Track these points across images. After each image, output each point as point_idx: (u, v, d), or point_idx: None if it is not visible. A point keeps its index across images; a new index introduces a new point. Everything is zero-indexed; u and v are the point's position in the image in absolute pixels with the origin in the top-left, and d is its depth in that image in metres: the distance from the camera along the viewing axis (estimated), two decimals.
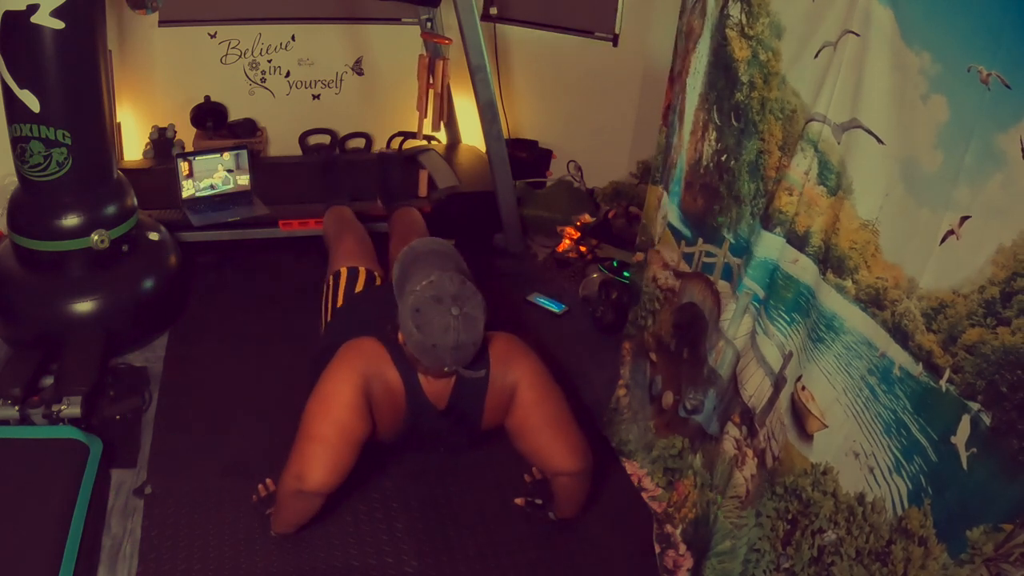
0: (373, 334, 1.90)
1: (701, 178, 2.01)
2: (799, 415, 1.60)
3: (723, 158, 1.90)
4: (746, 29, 1.77)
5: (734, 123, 1.84)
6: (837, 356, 1.50)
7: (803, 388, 1.58)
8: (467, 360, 1.76)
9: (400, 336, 1.80)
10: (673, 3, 2.12)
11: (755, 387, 1.78)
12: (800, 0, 1.62)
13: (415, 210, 2.89)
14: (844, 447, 1.49)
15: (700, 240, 2.04)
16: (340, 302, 2.28)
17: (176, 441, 2.27)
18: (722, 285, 1.95)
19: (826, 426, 1.53)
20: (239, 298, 2.98)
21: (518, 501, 2.12)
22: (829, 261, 1.52)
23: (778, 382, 1.69)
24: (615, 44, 3.67)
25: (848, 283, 1.48)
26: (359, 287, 2.31)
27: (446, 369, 1.78)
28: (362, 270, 2.37)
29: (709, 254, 2.00)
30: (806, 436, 1.58)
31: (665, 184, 2.17)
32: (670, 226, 2.16)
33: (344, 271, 2.35)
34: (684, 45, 2.03)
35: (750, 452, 1.80)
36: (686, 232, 2.10)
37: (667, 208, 2.17)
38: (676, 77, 2.08)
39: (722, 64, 1.85)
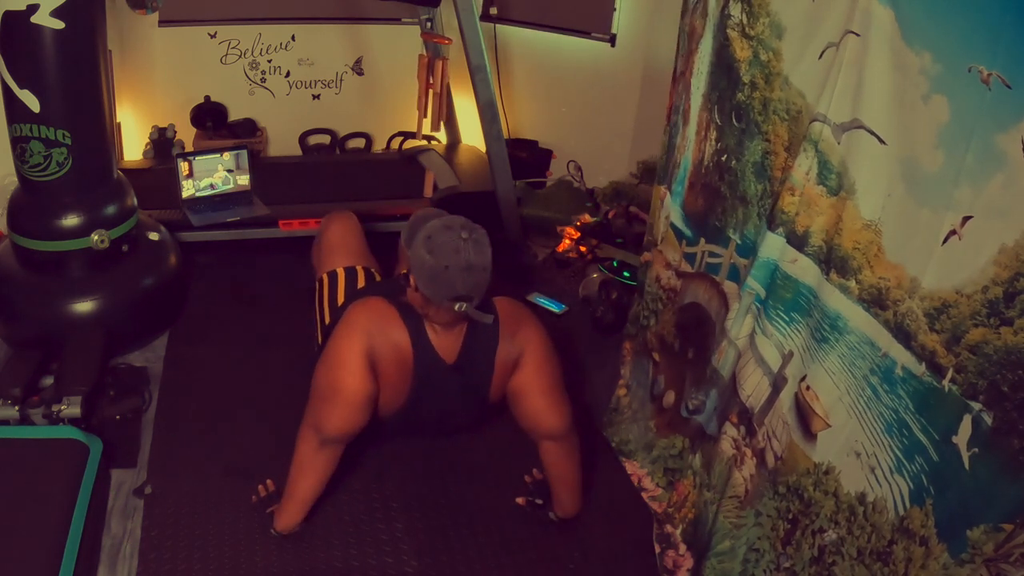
0: (380, 294, 1.94)
1: (703, 178, 2.01)
2: (803, 414, 1.60)
3: (723, 158, 1.90)
4: (747, 29, 1.77)
5: (735, 123, 1.84)
6: (841, 356, 1.50)
7: (807, 388, 1.58)
8: (478, 288, 1.77)
9: (411, 281, 1.82)
10: (673, 3, 2.12)
11: (753, 387, 1.78)
12: (800, 0, 1.62)
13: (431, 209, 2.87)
14: (846, 447, 1.49)
15: (702, 240, 2.04)
16: (342, 300, 2.25)
17: (176, 441, 2.26)
18: (729, 286, 1.94)
19: (830, 425, 1.53)
20: (239, 298, 2.97)
21: (519, 501, 2.12)
22: (832, 261, 1.52)
23: (777, 382, 1.69)
24: (612, 44, 3.67)
25: (852, 283, 1.48)
26: (360, 284, 2.28)
27: (457, 307, 1.77)
28: (360, 268, 2.34)
29: (713, 254, 2.00)
30: (810, 435, 1.58)
31: (668, 184, 2.17)
32: (672, 226, 2.16)
33: (341, 271, 2.32)
34: (687, 45, 2.03)
35: (749, 452, 1.80)
36: (687, 232, 2.10)
37: (670, 208, 2.17)
38: (679, 77, 2.09)
39: (724, 64, 1.85)
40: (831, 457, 1.53)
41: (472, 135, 3.82)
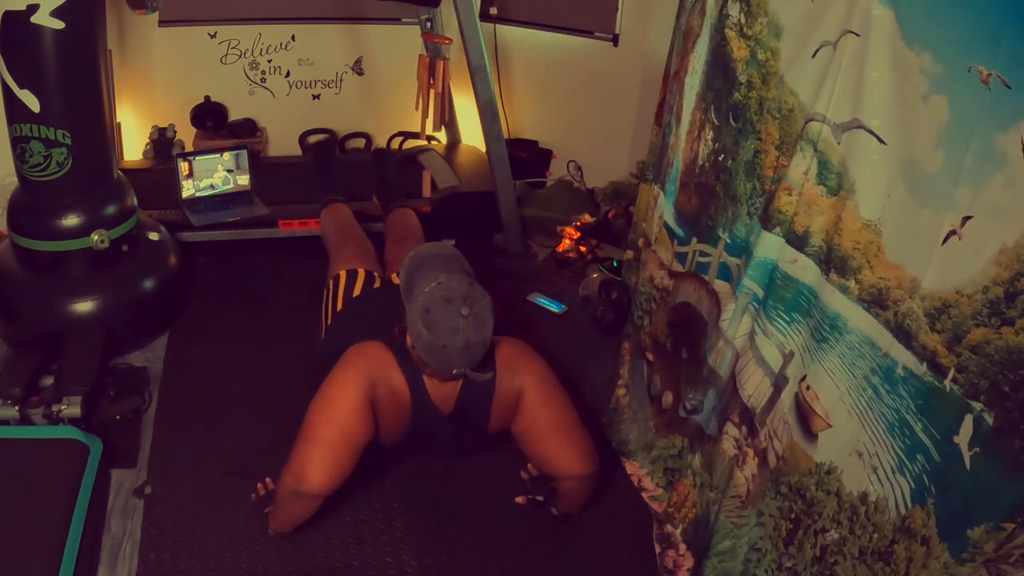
0: (378, 338, 1.89)
1: (696, 178, 2.01)
2: (804, 415, 1.60)
3: (720, 158, 1.90)
4: (745, 29, 1.77)
5: (732, 123, 1.84)
6: (841, 356, 1.50)
7: (808, 388, 1.58)
8: (476, 361, 1.76)
9: (408, 339, 1.79)
10: (673, 3, 2.12)
11: (754, 387, 1.78)
12: (799, 0, 1.62)
13: (411, 212, 2.87)
14: (848, 447, 1.49)
15: (694, 240, 2.04)
16: (340, 306, 2.27)
17: (176, 441, 2.26)
18: (719, 285, 1.94)
19: (830, 426, 1.53)
20: (239, 298, 2.97)
21: (519, 499, 2.13)
22: (832, 261, 1.52)
23: (778, 382, 1.69)
24: (615, 44, 3.67)
25: (851, 283, 1.48)
26: (357, 290, 2.30)
27: (454, 372, 1.76)
28: (360, 271, 2.36)
29: (703, 254, 2.00)
30: (811, 436, 1.58)
31: (661, 183, 2.17)
32: (666, 226, 2.16)
33: (343, 274, 2.34)
34: (682, 45, 2.03)
35: (751, 452, 1.80)
36: (679, 232, 2.10)
37: (663, 208, 2.17)
38: (672, 76, 2.08)
39: (721, 64, 1.85)
40: (833, 457, 1.53)
41: (472, 135, 3.83)
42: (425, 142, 3.72)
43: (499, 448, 2.27)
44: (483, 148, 3.30)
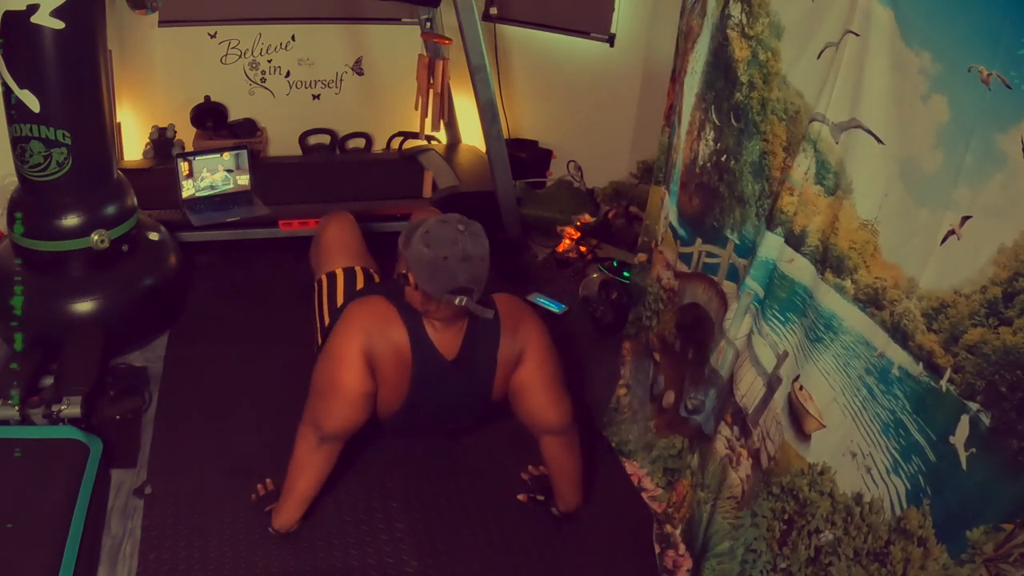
0: (379, 293, 1.96)
1: (697, 178, 2.01)
2: (796, 415, 1.60)
3: (723, 158, 1.90)
4: (746, 29, 1.76)
5: (734, 123, 1.84)
6: (835, 356, 1.50)
7: (800, 388, 1.58)
8: (477, 279, 1.79)
9: (410, 279, 1.83)
10: (673, 3, 2.12)
11: (747, 387, 1.78)
12: (800, 0, 1.62)
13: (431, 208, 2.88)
14: (841, 447, 1.49)
15: (699, 240, 2.04)
16: (341, 301, 2.24)
17: (176, 441, 2.27)
18: (727, 286, 1.94)
19: (824, 426, 1.53)
20: (239, 298, 2.97)
21: (520, 497, 2.13)
22: (828, 261, 1.52)
23: (771, 382, 1.69)
24: (611, 45, 3.67)
25: (847, 283, 1.47)
26: (359, 286, 2.27)
27: (458, 301, 1.78)
28: (359, 269, 2.33)
29: (711, 254, 2.00)
30: (803, 436, 1.58)
31: (667, 184, 2.17)
32: (671, 226, 2.16)
33: (340, 271, 2.31)
34: (683, 45, 2.03)
35: (744, 452, 1.80)
36: (683, 232, 2.10)
37: (668, 208, 2.17)
38: (677, 77, 2.08)
39: (722, 64, 1.85)
40: (826, 457, 1.53)
41: (472, 135, 3.83)
42: (425, 142, 3.72)
43: (498, 449, 2.28)
44: (483, 148, 3.30)
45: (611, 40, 3.66)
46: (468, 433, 2.31)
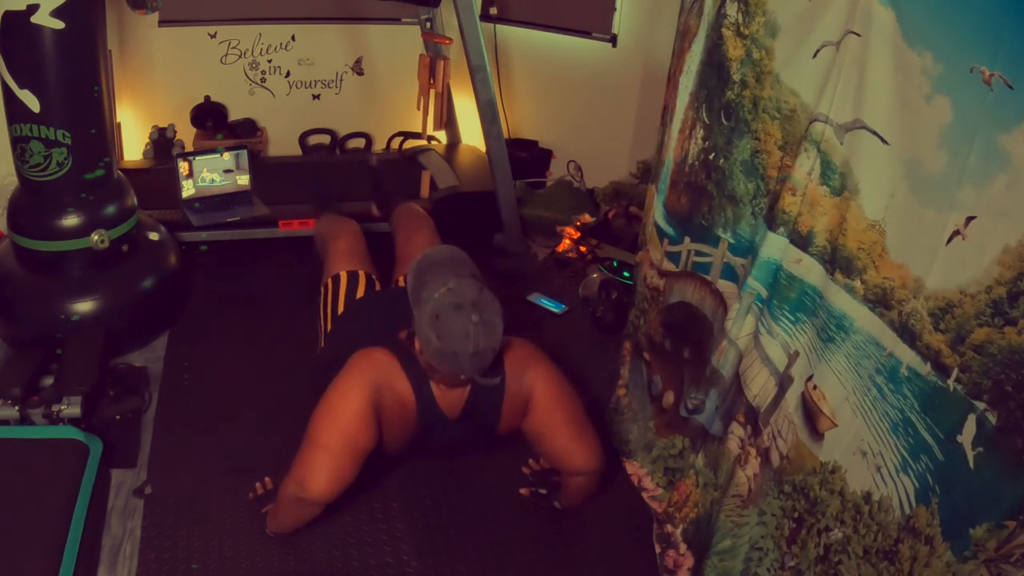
0: (383, 344, 1.87)
1: (686, 176, 2.01)
2: (810, 414, 1.60)
3: (711, 156, 1.90)
4: (742, 28, 1.76)
5: (724, 121, 1.84)
6: (847, 356, 1.50)
7: (814, 387, 1.58)
8: (485, 367, 1.73)
9: (416, 344, 1.76)
10: (674, 4, 2.12)
11: (759, 386, 1.78)
12: (797, 0, 1.62)
13: (414, 205, 2.82)
14: (852, 446, 1.49)
15: (687, 239, 2.03)
16: (341, 309, 2.23)
17: (176, 441, 2.26)
18: (724, 285, 1.94)
19: (836, 425, 1.53)
20: (239, 298, 2.97)
21: (522, 491, 2.13)
22: (837, 261, 1.52)
23: (783, 381, 1.69)
24: (613, 44, 3.67)
25: (857, 283, 1.48)
26: (360, 292, 2.26)
27: (463, 377, 1.75)
28: (362, 274, 2.32)
29: (700, 253, 1.99)
30: (817, 435, 1.58)
31: (655, 183, 2.17)
32: (656, 225, 2.16)
33: (344, 275, 2.29)
34: (680, 44, 2.03)
35: (753, 451, 1.80)
36: (669, 231, 2.10)
37: (655, 207, 2.17)
38: (673, 76, 2.08)
39: (715, 63, 1.85)
40: (837, 456, 1.53)
41: (472, 135, 3.82)
42: (425, 142, 3.72)
43: (499, 448, 2.27)
44: (483, 148, 3.30)
45: (613, 40, 3.66)
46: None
